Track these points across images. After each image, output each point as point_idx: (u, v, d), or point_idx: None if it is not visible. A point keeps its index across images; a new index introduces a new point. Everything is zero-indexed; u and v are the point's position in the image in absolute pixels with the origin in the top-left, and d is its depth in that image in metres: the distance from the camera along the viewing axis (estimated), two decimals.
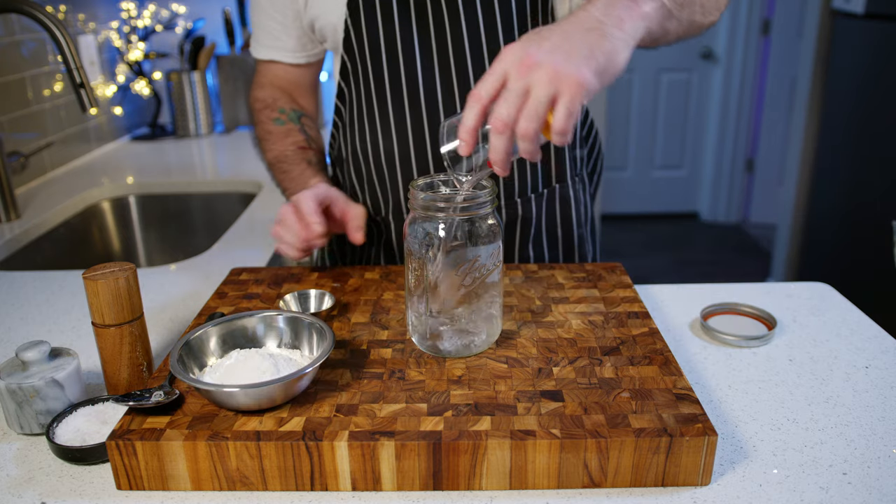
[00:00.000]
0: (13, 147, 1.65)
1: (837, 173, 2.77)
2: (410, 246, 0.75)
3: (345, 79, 1.05)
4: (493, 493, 0.64)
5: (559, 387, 0.70)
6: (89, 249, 1.67)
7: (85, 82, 1.29)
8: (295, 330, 0.77)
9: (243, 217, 1.50)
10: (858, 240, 2.63)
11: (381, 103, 1.02)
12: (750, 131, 4.16)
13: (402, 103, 1.00)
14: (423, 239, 0.73)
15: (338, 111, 1.10)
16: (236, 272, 1.00)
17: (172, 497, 0.64)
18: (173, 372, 0.67)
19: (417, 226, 0.74)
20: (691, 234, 4.21)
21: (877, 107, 2.51)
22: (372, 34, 0.98)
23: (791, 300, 1.01)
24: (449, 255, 0.73)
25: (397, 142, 1.02)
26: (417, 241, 0.74)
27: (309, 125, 1.13)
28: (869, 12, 2.53)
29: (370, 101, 1.03)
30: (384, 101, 1.01)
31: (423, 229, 0.73)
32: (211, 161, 2.02)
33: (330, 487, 0.64)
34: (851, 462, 0.67)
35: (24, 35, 1.69)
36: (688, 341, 0.91)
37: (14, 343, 0.94)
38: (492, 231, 0.74)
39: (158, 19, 2.26)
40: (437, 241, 0.73)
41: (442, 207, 0.72)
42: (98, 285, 0.72)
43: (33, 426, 0.72)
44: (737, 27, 3.99)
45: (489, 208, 0.73)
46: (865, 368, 0.84)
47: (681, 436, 0.63)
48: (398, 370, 0.74)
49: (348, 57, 1.02)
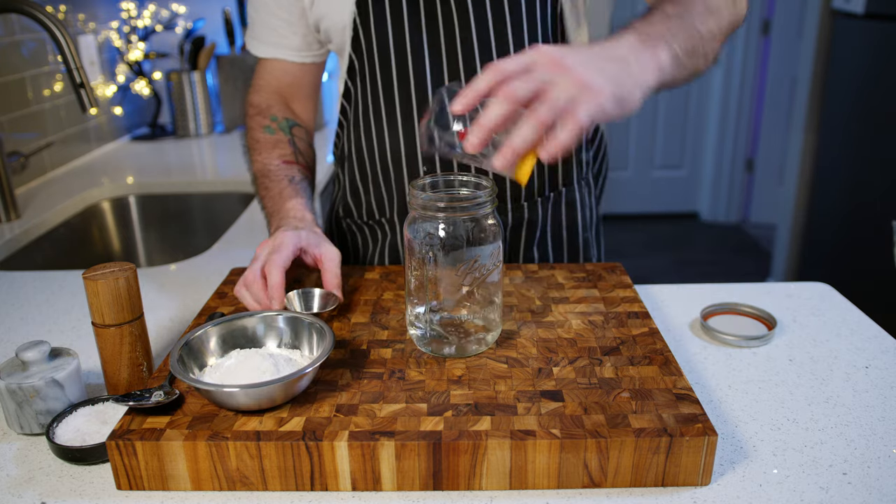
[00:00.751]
0: (13, 147, 1.65)
1: (837, 173, 2.77)
2: (410, 246, 0.75)
3: (352, 78, 1.05)
4: (493, 493, 0.64)
5: (559, 387, 0.70)
6: (89, 249, 1.67)
7: (85, 82, 1.29)
8: (295, 330, 0.77)
9: (243, 217, 1.50)
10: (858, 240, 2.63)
11: (388, 103, 1.02)
12: (750, 131, 4.16)
13: (410, 103, 1.00)
14: (423, 239, 0.73)
15: (343, 110, 1.10)
16: (236, 272, 1.00)
17: (172, 497, 0.64)
18: (173, 372, 0.67)
19: (417, 225, 0.74)
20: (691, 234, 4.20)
21: (877, 107, 2.51)
22: (381, 34, 0.98)
23: (791, 300, 1.01)
24: (449, 255, 0.73)
25: (404, 141, 1.02)
26: (417, 241, 0.74)
27: (300, 137, 1.10)
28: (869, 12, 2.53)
29: (377, 100, 1.02)
30: (392, 100, 1.01)
31: (423, 229, 0.73)
32: (211, 161, 2.02)
33: (330, 487, 0.64)
34: (851, 462, 0.67)
35: (24, 35, 1.69)
36: (688, 341, 0.91)
37: (14, 343, 0.94)
38: (492, 231, 0.74)
39: (158, 19, 2.26)
40: (437, 240, 0.73)
41: (442, 207, 0.72)
42: (98, 285, 0.72)
43: (33, 426, 0.72)
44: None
45: (489, 208, 0.73)
46: (865, 368, 0.84)
47: (681, 436, 0.63)
48: (398, 370, 0.74)
49: (356, 56, 1.02)
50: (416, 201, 0.73)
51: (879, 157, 2.50)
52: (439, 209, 0.72)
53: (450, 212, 0.72)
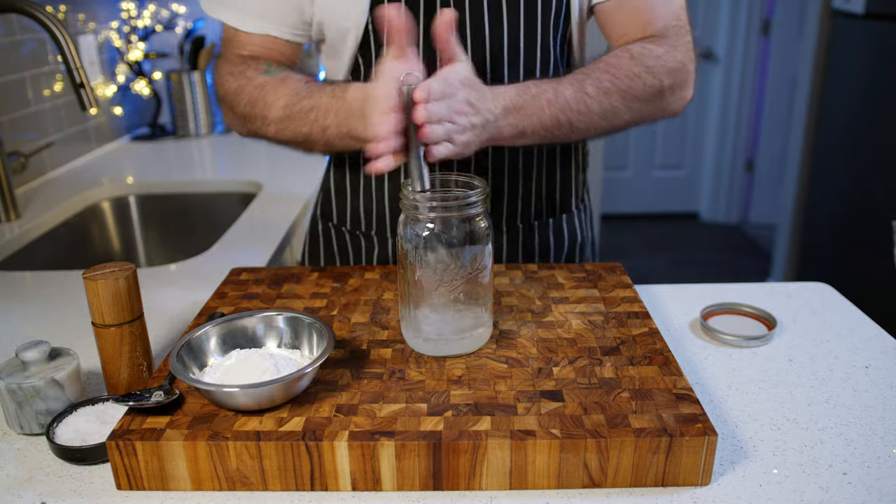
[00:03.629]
0: (13, 147, 1.64)
1: (837, 173, 2.77)
2: (402, 246, 0.75)
3: (356, 79, 1.03)
4: (493, 493, 0.64)
5: (559, 387, 0.70)
6: (89, 249, 1.67)
7: (85, 82, 1.29)
8: (295, 330, 0.77)
9: (243, 217, 1.50)
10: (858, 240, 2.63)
11: None
12: (750, 131, 4.16)
13: None
14: (414, 239, 0.74)
15: None
16: (236, 272, 1.00)
17: (172, 497, 0.64)
18: (173, 372, 0.67)
19: (410, 225, 0.74)
20: (691, 234, 4.20)
21: (877, 107, 2.51)
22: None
23: (791, 300, 1.01)
24: (441, 254, 0.73)
25: None
26: (409, 242, 0.74)
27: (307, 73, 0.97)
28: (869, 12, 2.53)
29: None
30: None
31: (414, 230, 0.74)
32: (211, 161, 2.02)
33: (330, 487, 0.64)
34: (851, 462, 0.67)
35: (24, 35, 1.69)
36: (688, 341, 0.91)
37: (14, 343, 0.94)
38: (483, 232, 0.74)
39: (158, 19, 2.26)
40: (429, 240, 0.73)
41: (434, 207, 0.72)
42: (98, 285, 0.72)
43: (33, 426, 0.72)
44: (737, 27, 3.99)
45: (480, 208, 0.73)
46: (865, 368, 0.84)
47: (681, 436, 0.63)
48: (398, 370, 0.74)
49: (363, 60, 0.99)
50: (408, 201, 0.73)
51: (879, 157, 2.50)
52: (431, 209, 0.72)
53: (442, 211, 0.72)
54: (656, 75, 0.90)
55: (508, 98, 0.83)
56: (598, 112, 0.88)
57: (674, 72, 0.92)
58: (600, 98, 0.87)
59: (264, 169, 1.84)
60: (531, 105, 0.84)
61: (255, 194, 1.69)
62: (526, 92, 0.84)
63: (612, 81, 0.88)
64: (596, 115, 0.88)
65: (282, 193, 1.64)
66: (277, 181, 1.73)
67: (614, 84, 0.88)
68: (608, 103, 0.88)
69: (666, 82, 0.91)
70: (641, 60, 0.90)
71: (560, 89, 0.86)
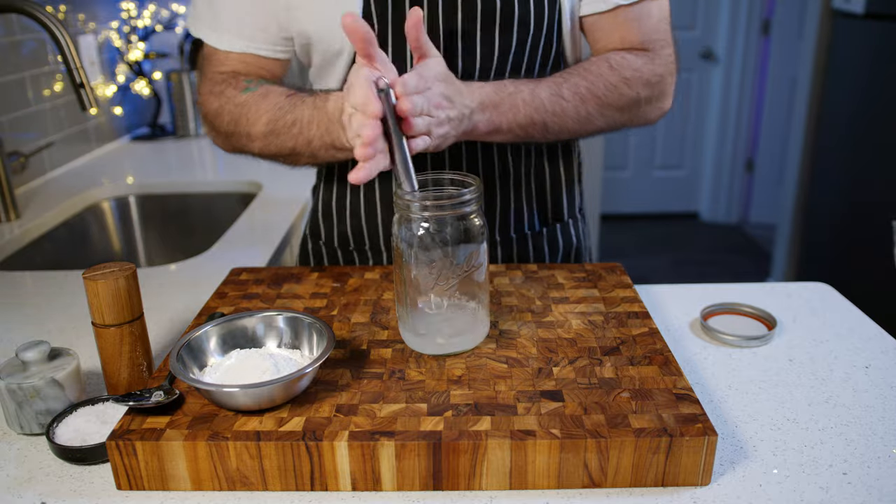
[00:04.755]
0: (13, 147, 1.65)
1: (837, 173, 2.77)
2: (398, 246, 0.75)
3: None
4: (493, 493, 0.64)
5: (559, 387, 0.70)
6: (89, 249, 1.67)
7: (85, 82, 1.29)
8: (295, 330, 0.77)
9: (243, 217, 1.50)
10: (858, 240, 2.63)
11: None
12: (750, 131, 4.16)
13: None
14: (408, 238, 0.74)
15: None
16: (236, 272, 1.00)
17: (172, 497, 0.64)
18: (173, 372, 0.67)
19: (404, 224, 0.74)
20: (691, 234, 4.21)
21: (877, 107, 2.51)
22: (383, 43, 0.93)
23: (791, 300, 1.01)
24: (435, 253, 0.73)
25: None
26: (404, 241, 0.74)
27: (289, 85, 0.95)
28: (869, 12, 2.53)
29: None
30: None
31: (409, 229, 0.74)
32: (211, 161, 2.02)
33: (330, 487, 0.64)
34: (851, 462, 0.67)
35: (24, 35, 1.69)
36: (688, 341, 0.91)
37: (14, 343, 0.94)
38: (478, 230, 0.74)
39: (158, 19, 2.26)
40: (424, 239, 0.73)
41: (427, 206, 0.72)
42: (98, 285, 0.72)
43: (33, 426, 0.72)
44: (737, 27, 3.99)
45: (475, 206, 0.73)
46: (865, 368, 0.84)
47: (681, 436, 0.63)
48: (398, 370, 0.74)
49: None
50: (401, 200, 0.73)
51: (879, 157, 2.50)
52: (425, 208, 0.72)
53: (436, 210, 0.72)
54: (633, 87, 0.91)
55: (484, 94, 0.84)
56: (573, 116, 0.90)
57: (651, 84, 0.93)
58: (576, 103, 0.89)
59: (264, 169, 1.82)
60: (506, 102, 0.85)
61: (255, 194, 1.70)
62: (502, 90, 0.85)
63: (588, 88, 0.90)
64: (570, 118, 0.90)
65: (282, 193, 1.65)
66: (277, 181, 1.73)
67: (590, 91, 0.90)
68: (583, 109, 0.90)
69: (643, 94, 0.93)
70: (619, 71, 0.91)
71: (537, 91, 0.87)
